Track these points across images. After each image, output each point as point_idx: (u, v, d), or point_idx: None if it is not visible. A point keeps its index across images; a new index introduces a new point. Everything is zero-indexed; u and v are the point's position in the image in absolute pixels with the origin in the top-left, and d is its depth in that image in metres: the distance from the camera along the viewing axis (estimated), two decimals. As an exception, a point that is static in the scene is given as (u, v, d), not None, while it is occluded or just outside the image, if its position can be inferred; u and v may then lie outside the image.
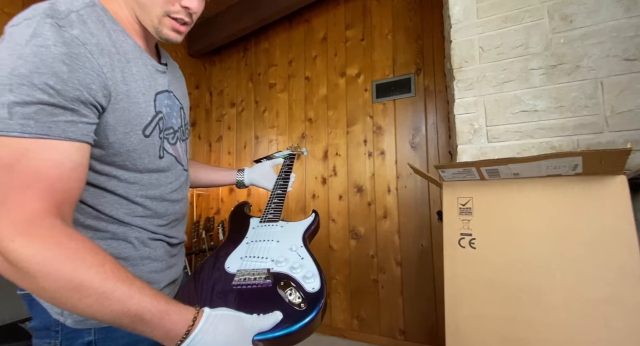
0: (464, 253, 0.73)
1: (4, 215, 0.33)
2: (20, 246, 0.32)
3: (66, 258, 0.33)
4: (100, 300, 0.33)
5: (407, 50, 1.89)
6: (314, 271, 0.51)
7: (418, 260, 1.75)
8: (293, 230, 0.66)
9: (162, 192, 0.52)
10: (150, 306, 0.35)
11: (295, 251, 0.57)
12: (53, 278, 0.32)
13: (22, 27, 0.36)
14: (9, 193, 0.34)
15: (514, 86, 0.94)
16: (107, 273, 0.34)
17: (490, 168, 0.68)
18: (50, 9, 0.38)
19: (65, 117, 0.37)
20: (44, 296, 0.33)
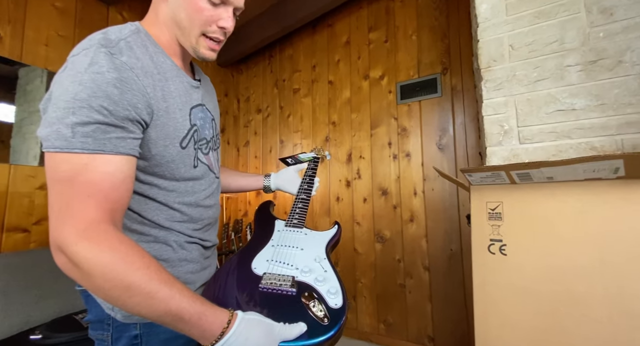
0: (494, 260, 0.71)
1: (68, 222, 0.37)
2: (83, 249, 0.36)
3: (119, 260, 0.37)
4: (146, 299, 0.37)
5: (433, 50, 1.85)
6: (337, 288, 0.52)
7: (447, 265, 1.70)
8: (317, 239, 0.68)
9: (197, 198, 0.57)
10: (189, 307, 0.38)
11: (319, 262, 0.59)
12: (108, 278, 0.36)
13: (81, 56, 0.42)
14: (72, 202, 0.38)
15: (548, 84, 0.89)
16: (151, 275, 0.38)
17: (521, 172, 0.66)
18: (104, 38, 0.44)
19: (116, 134, 0.41)
20: (100, 293, 0.37)
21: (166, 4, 0.52)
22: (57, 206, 0.39)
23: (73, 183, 0.39)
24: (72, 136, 0.39)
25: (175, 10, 0.51)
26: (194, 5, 0.50)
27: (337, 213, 2.10)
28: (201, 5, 0.50)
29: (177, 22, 0.52)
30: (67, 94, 0.40)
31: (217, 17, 0.52)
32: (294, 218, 0.73)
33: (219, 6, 0.52)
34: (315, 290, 0.52)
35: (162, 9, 0.53)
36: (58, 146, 0.39)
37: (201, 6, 0.50)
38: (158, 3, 0.53)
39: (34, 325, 1.34)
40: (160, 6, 0.53)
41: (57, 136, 0.39)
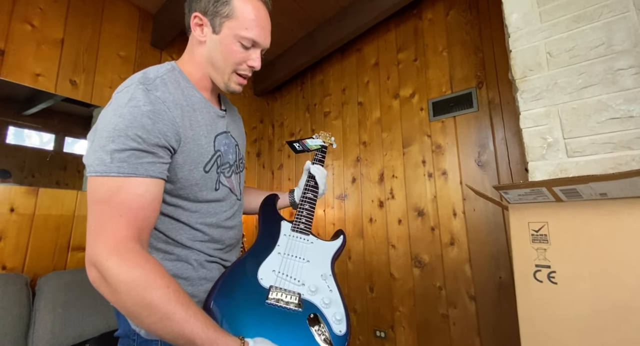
0: (541, 289, 0.62)
1: (101, 239, 0.41)
2: (113, 264, 0.39)
3: (142, 278, 0.39)
4: (163, 319, 0.38)
5: (466, 65, 1.79)
6: (343, 314, 0.51)
7: (496, 294, 1.52)
8: (323, 251, 0.66)
9: (218, 219, 0.59)
10: (201, 332, 0.39)
11: (325, 280, 0.58)
12: (131, 295, 0.38)
13: (123, 93, 0.48)
14: (105, 221, 0.42)
15: (597, 90, 0.81)
16: (170, 295, 0.39)
17: (566, 188, 0.58)
18: (143, 77, 0.50)
19: (147, 159, 0.46)
20: (123, 309, 0.40)
21: (203, 46, 0.60)
22: (94, 225, 0.43)
23: (108, 204, 0.43)
24: (111, 161, 0.44)
25: (211, 51, 0.59)
26: (228, 48, 0.57)
27: (371, 235, 2.03)
28: (234, 48, 0.57)
29: (213, 62, 0.59)
30: (109, 125, 0.45)
31: (248, 57, 0.59)
32: (301, 221, 0.71)
33: (250, 49, 0.59)
34: (321, 313, 0.51)
35: (199, 51, 0.60)
36: (98, 171, 0.44)
37: (235, 49, 0.58)
38: (195, 45, 0.61)
39: (86, 338, 1.45)
40: (196, 48, 0.61)
41: (98, 162, 0.44)
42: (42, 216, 1.59)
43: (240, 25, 0.56)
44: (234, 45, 0.57)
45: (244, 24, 0.56)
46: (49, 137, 1.72)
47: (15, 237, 1.50)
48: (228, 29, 0.56)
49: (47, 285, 1.45)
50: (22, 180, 1.58)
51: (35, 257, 1.57)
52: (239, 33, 0.56)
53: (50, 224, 1.62)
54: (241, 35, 0.56)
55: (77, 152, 1.80)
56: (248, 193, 0.86)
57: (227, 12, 0.56)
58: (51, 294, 1.42)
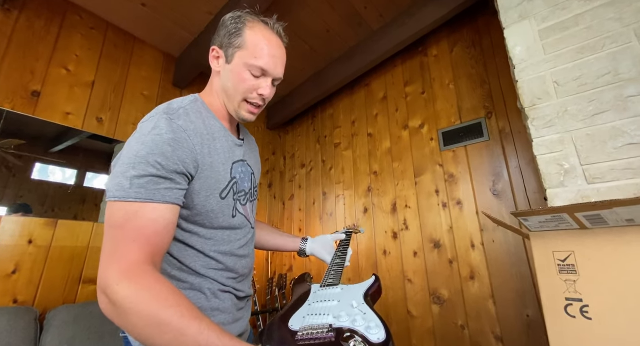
0: (574, 325, 0.57)
1: (114, 264, 0.41)
2: (122, 288, 0.39)
3: (153, 297, 0.39)
4: (178, 336, 0.37)
5: (473, 96, 1.83)
6: (377, 322, 0.48)
7: (525, 335, 1.39)
8: (353, 290, 0.64)
9: (232, 247, 0.59)
10: (217, 341, 0.38)
11: (356, 307, 0.55)
12: (142, 316, 0.38)
13: (148, 122, 0.52)
14: (119, 246, 0.43)
15: (610, 117, 0.81)
16: (183, 312, 0.38)
17: (590, 213, 0.56)
18: (167, 107, 0.54)
19: (165, 185, 0.47)
20: (134, 332, 0.39)
21: (219, 77, 0.64)
22: (108, 249, 0.43)
23: (123, 229, 0.44)
24: (130, 187, 0.46)
25: (224, 80, 0.62)
26: (239, 76, 0.60)
27: (385, 268, 1.95)
28: (245, 76, 0.60)
29: (226, 90, 0.62)
30: (131, 152, 0.48)
31: (258, 86, 0.62)
32: (329, 278, 0.71)
33: (260, 78, 0.62)
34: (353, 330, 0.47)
35: (216, 81, 0.65)
36: (118, 196, 0.46)
37: (245, 77, 0.60)
38: (214, 77, 0.66)
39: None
40: (215, 79, 0.65)
41: (118, 187, 0.46)
42: (58, 248, 1.62)
43: (250, 54, 0.59)
44: (244, 74, 0.60)
45: (254, 53, 0.59)
46: (71, 172, 1.80)
47: (29, 269, 1.51)
48: (239, 58, 0.59)
49: (55, 319, 1.42)
50: (42, 214, 1.63)
51: (47, 290, 1.56)
52: (248, 62, 0.59)
53: (65, 256, 1.63)
54: (250, 63, 0.59)
55: (96, 187, 1.86)
56: (261, 228, 0.86)
57: (239, 43, 0.60)
58: (58, 329, 1.39)
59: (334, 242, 0.87)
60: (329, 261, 0.81)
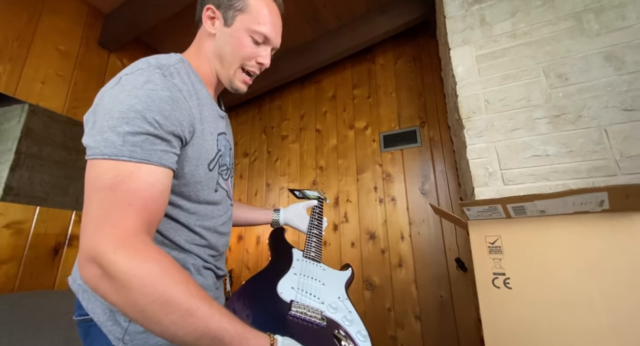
0: (499, 294, 0.71)
1: (106, 230, 0.35)
2: (122, 258, 0.34)
3: (160, 272, 0.34)
4: (185, 316, 0.33)
5: (411, 106, 2.06)
6: (366, 333, 0.52)
7: (439, 313, 1.64)
8: (335, 277, 0.67)
9: (215, 223, 0.56)
10: (230, 327, 0.35)
11: (342, 302, 0.59)
12: (147, 292, 0.33)
13: (137, 75, 0.44)
14: (111, 210, 0.37)
15: (522, 133, 1.02)
16: (191, 291, 0.35)
17: (516, 205, 0.71)
18: (157, 62, 0.47)
19: (161, 146, 0.42)
20: (132, 310, 0.34)
21: (212, 39, 0.58)
22: (95, 214, 0.37)
23: (115, 192, 0.38)
24: (122, 144, 0.39)
25: (221, 45, 0.57)
26: (239, 41, 0.56)
27: (325, 258, 2.03)
28: (245, 42, 0.57)
29: (221, 55, 0.57)
30: (122, 106, 0.41)
31: (257, 54, 0.58)
32: (312, 251, 0.72)
33: (260, 45, 0.58)
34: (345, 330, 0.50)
35: (207, 44, 0.58)
36: (106, 153, 0.39)
37: (245, 43, 0.57)
38: (203, 38, 0.59)
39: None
40: (205, 41, 0.59)
41: (106, 144, 0.39)
42: None
43: (253, 19, 0.56)
44: (245, 39, 0.56)
45: (257, 18, 0.56)
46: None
47: None
48: (240, 22, 0.56)
49: None
50: None
51: None
52: (251, 27, 0.56)
53: None
54: (253, 28, 0.56)
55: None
56: (236, 206, 0.82)
57: (240, 6, 0.56)
58: None
59: (306, 210, 0.88)
60: (304, 229, 0.82)
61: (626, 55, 0.93)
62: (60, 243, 1.66)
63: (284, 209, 0.86)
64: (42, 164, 1.65)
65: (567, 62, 1.00)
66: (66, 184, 1.77)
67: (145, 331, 0.44)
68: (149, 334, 0.45)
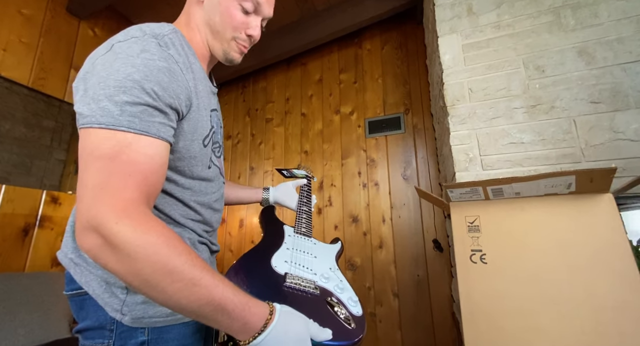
0: (476, 269, 0.78)
1: (107, 200, 0.35)
2: (124, 228, 0.34)
3: (163, 242, 0.35)
4: (189, 285, 0.35)
5: (396, 93, 2.09)
6: (356, 299, 0.55)
7: (415, 291, 1.75)
8: (326, 250, 0.70)
9: (209, 199, 0.56)
10: (233, 296, 0.37)
11: (334, 272, 0.61)
12: (152, 261, 0.34)
13: (131, 43, 0.42)
14: (111, 180, 0.36)
15: (501, 122, 1.08)
16: (193, 261, 0.36)
17: (495, 187, 0.77)
18: (152, 32, 0.45)
19: (159, 118, 0.41)
20: (136, 280, 0.34)
21: (201, 7, 0.55)
22: (93, 183, 0.36)
23: (114, 161, 0.37)
24: (120, 114, 0.38)
25: (210, 13, 0.54)
26: (227, 11, 0.53)
27: (308, 241, 2.08)
28: (234, 11, 0.54)
29: (211, 25, 0.54)
30: (118, 74, 0.39)
31: (247, 25, 0.55)
32: (302, 227, 0.74)
33: (250, 15, 0.55)
34: (336, 297, 0.54)
35: (196, 13, 0.55)
36: (103, 122, 0.38)
37: (234, 12, 0.54)
38: (192, 6, 0.56)
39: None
40: (194, 9, 0.55)
41: (103, 113, 0.38)
42: None
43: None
44: (234, 8, 0.53)
45: None
46: None
47: None
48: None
49: None
50: None
51: None
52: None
53: None
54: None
55: None
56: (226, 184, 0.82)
57: None
58: None
59: (295, 188, 0.90)
60: (293, 207, 0.84)
61: (596, 51, 1.00)
62: (30, 224, 1.58)
63: (274, 188, 0.87)
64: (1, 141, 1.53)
65: (545, 55, 1.06)
66: (29, 163, 1.66)
67: (144, 301, 0.45)
68: (148, 304, 0.45)
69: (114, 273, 0.35)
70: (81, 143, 0.39)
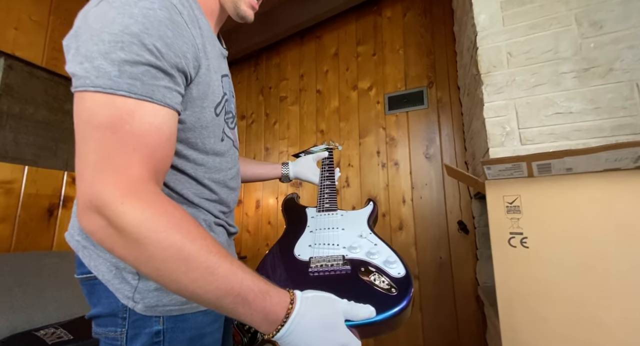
0: (515, 253, 0.70)
1: (109, 177, 0.30)
2: (132, 209, 0.29)
3: (175, 226, 0.30)
4: (205, 274, 0.30)
5: (419, 64, 1.94)
6: (395, 257, 0.48)
7: (437, 273, 1.69)
8: (355, 218, 0.63)
9: (224, 177, 0.51)
10: (253, 285, 0.32)
11: (365, 237, 0.54)
12: (163, 247, 0.29)
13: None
14: (114, 155, 0.31)
15: (545, 89, 0.95)
16: (210, 247, 0.31)
17: (542, 162, 0.67)
18: None
19: (164, 82, 0.35)
20: (147, 267, 0.30)
21: None
22: (94, 157, 0.31)
23: (116, 132, 0.32)
24: (119, 75, 0.32)
25: None
26: None
27: (326, 222, 2.04)
28: None
29: None
30: (113, 26, 0.33)
31: None
32: (325, 203, 0.68)
33: None
34: (370, 264, 0.47)
35: None
36: (100, 85, 0.32)
37: None
38: None
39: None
40: None
41: (99, 73, 0.32)
42: None
43: None
44: None
45: None
46: None
47: None
48: None
49: None
50: None
51: None
52: None
53: None
54: None
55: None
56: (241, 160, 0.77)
57: None
58: None
59: (316, 162, 0.84)
60: (316, 182, 0.79)
61: (671, 0, 0.83)
62: (54, 204, 1.62)
63: (293, 163, 0.82)
64: (27, 125, 1.55)
65: (604, 8, 0.90)
66: (54, 146, 1.69)
67: (157, 288, 0.41)
68: (162, 292, 0.42)
69: (122, 259, 0.31)
70: (76, 109, 0.33)
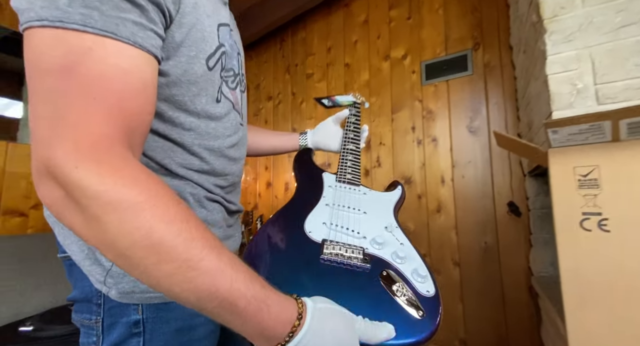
0: (590, 238, 0.55)
1: (63, 134, 0.23)
2: (88, 175, 0.22)
3: (147, 201, 0.23)
4: (183, 268, 0.23)
5: (462, 25, 1.69)
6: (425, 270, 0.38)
7: (481, 260, 1.53)
8: (381, 201, 0.53)
9: (221, 144, 0.43)
10: (245, 289, 0.24)
11: (391, 232, 0.45)
12: (129, 228, 0.22)
13: None
14: (70, 105, 0.24)
15: (636, 30, 0.73)
16: (192, 233, 0.24)
17: (636, 120, 0.49)
18: None
19: (133, 15, 0.27)
20: (109, 252, 0.23)
21: None
22: (46, 110, 0.24)
23: (70, 77, 0.24)
24: (69, 4, 0.25)
25: None
26: None
27: (356, 204, 1.95)
28: None
29: None
30: None
31: None
32: (347, 172, 0.59)
33: None
34: (395, 269, 0.38)
35: None
36: (46, 17, 0.25)
37: None
38: None
39: (26, 316, 1.22)
40: None
41: (45, 3, 0.25)
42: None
43: None
44: None
45: None
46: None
47: None
48: None
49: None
50: None
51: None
52: None
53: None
54: None
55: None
56: (256, 131, 0.70)
57: None
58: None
59: (338, 125, 0.72)
60: (337, 148, 0.69)
61: None
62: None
63: (312, 131, 0.72)
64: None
65: None
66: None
67: None
68: None
69: (84, 240, 0.25)
70: (25, 52, 0.27)
